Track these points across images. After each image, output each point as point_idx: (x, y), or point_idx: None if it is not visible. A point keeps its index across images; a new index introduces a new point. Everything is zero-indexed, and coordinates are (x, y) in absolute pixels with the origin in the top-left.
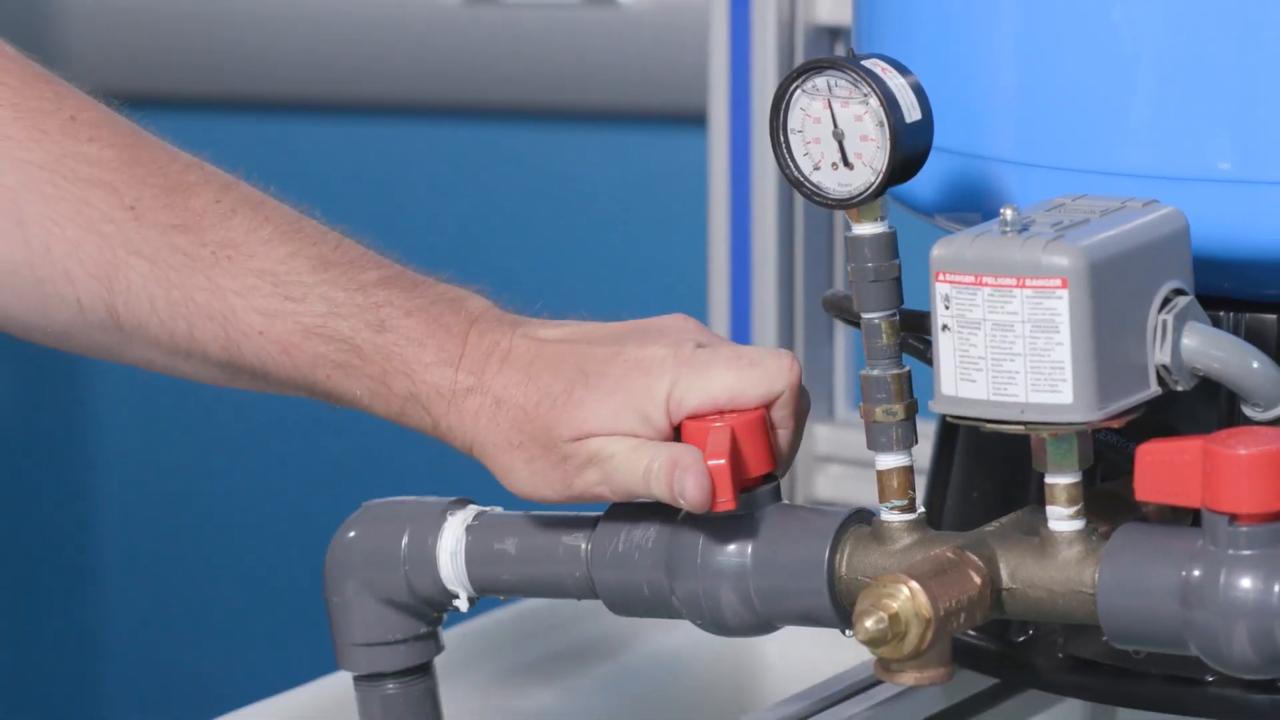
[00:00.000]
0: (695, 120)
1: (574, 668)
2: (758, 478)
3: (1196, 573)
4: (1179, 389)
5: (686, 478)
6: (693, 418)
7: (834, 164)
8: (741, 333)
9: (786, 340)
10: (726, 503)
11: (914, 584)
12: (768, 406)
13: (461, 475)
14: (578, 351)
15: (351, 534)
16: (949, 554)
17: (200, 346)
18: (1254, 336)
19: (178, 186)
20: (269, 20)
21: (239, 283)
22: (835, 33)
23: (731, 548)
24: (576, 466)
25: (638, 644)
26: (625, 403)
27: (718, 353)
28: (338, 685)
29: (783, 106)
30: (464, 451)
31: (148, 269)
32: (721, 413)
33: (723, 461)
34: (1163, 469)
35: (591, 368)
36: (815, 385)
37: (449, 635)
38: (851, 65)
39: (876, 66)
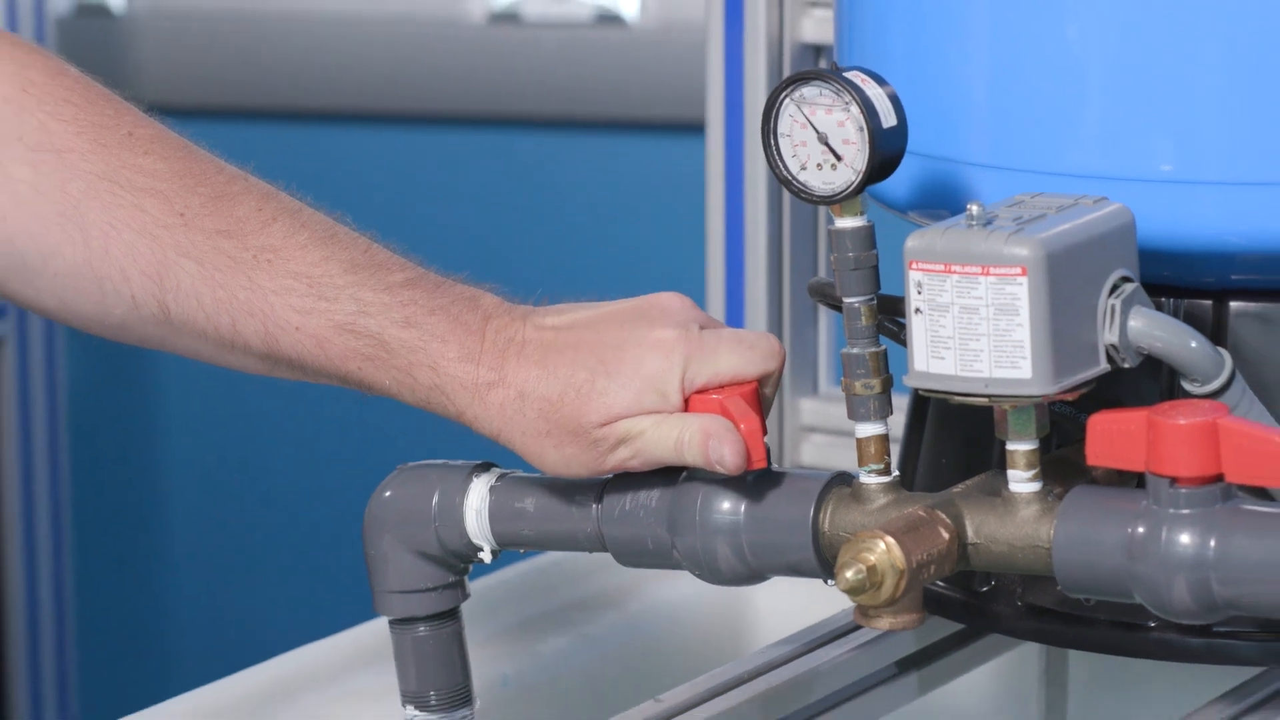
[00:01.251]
0: (695, 128)
1: (586, 615)
2: None
3: (1141, 530)
4: (1126, 366)
5: (724, 446)
6: (698, 392)
7: (819, 164)
8: (735, 316)
9: (775, 322)
10: (759, 461)
11: (889, 539)
12: (759, 382)
13: (485, 442)
14: (590, 339)
15: (387, 494)
16: (920, 512)
17: (243, 340)
18: (1192, 319)
19: (224, 195)
20: (311, 40)
21: (277, 283)
22: (819, 50)
23: (726, 506)
24: (608, 447)
25: (643, 594)
26: (645, 385)
27: (721, 335)
28: (375, 630)
29: (773, 113)
30: (491, 439)
31: (195, 270)
32: (721, 387)
33: (757, 426)
34: (1111, 437)
35: (608, 355)
36: (801, 363)
37: (475, 586)
38: (834, 76)
39: (857, 78)
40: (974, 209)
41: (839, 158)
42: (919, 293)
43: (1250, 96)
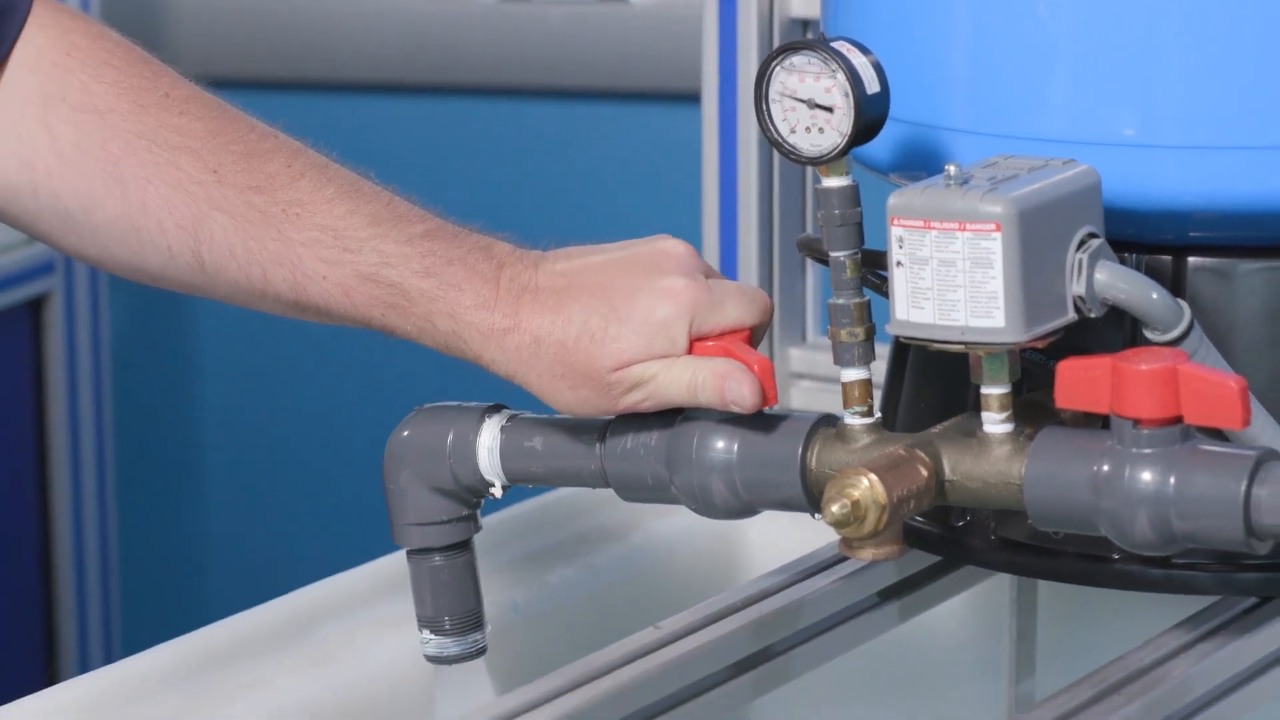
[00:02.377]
0: (691, 98)
1: (590, 548)
2: None
3: (1106, 467)
4: (1092, 316)
5: (742, 386)
6: (699, 339)
7: (807, 128)
8: (729, 269)
9: (765, 275)
10: (773, 399)
11: (872, 475)
12: (751, 331)
13: (496, 386)
14: (601, 284)
15: (405, 433)
16: (901, 451)
17: (273, 289)
18: (1153, 273)
19: (255, 153)
20: (335, 17)
21: (305, 235)
22: (806, 24)
23: (720, 445)
24: (621, 390)
25: (643, 529)
26: (657, 331)
27: (725, 287)
28: (393, 563)
29: (765, 81)
30: (507, 380)
31: (228, 222)
32: (720, 335)
33: (769, 365)
34: (1078, 382)
35: (619, 301)
36: (790, 314)
37: (487, 521)
38: (822, 46)
39: (843, 47)
40: (951, 169)
41: (826, 122)
42: (900, 247)
43: (1206, 68)
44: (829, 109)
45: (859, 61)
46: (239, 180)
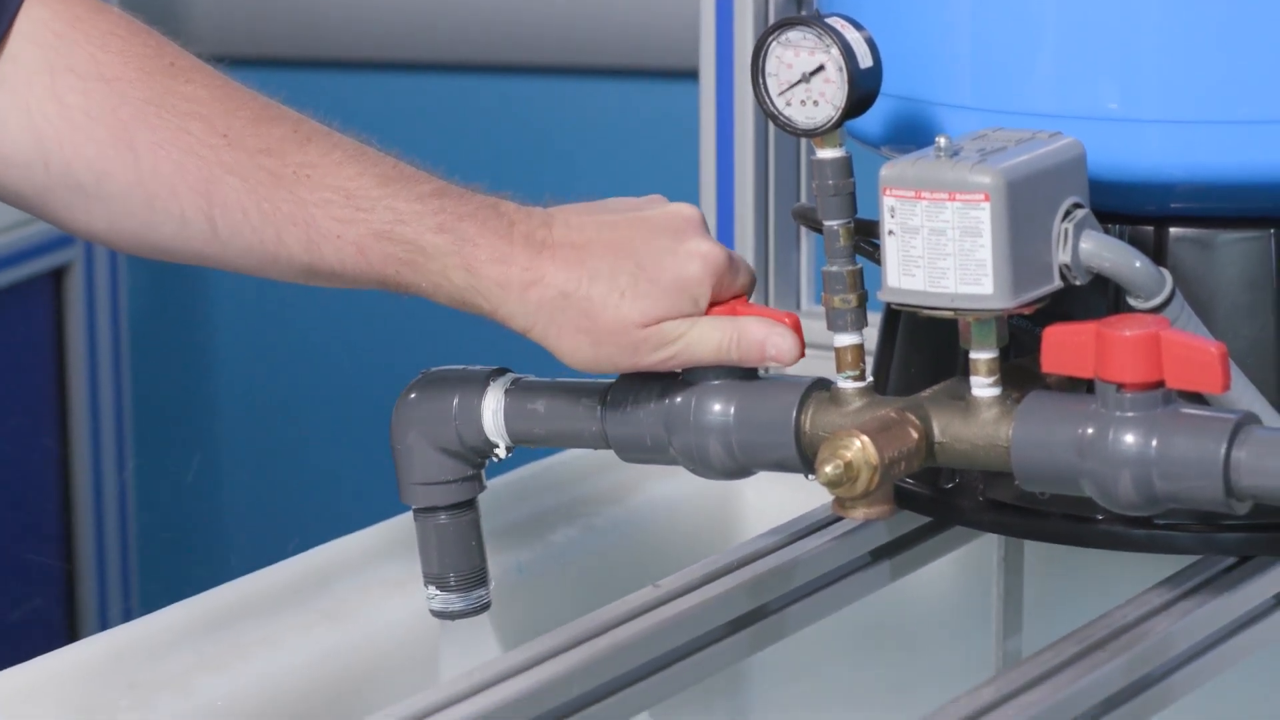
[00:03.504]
0: (689, 74)
1: (592, 509)
2: None
3: (1090, 430)
4: (1077, 283)
5: (784, 340)
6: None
7: (802, 101)
8: (726, 237)
9: (761, 244)
10: (803, 352)
11: (864, 437)
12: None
13: (501, 350)
14: (623, 243)
15: (413, 395)
16: (892, 414)
17: (286, 250)
18: (1136, 242)
19: (261, 118)
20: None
21: (317, 196)
22: (800, 2)
23: (717, 408)
24: (650, 348)
25: (643, 491)
26: (685, 291)
27: (739, 256)
28: (400, 525)
29: (761, 55)
30: (521, 334)
31: (240, 185)
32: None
33: (797, 320)
34: (1064, 347)
35: (647, 260)
36: (784, 281)
37: (492, 483)
38: (817, 21)
39: (836, 23)
40: (942, 141)
41: (821, 95)
42: (892, 216)
43: (1187, 44)
44: (824, 83)
45: (853, 37)
46: (249, 144)
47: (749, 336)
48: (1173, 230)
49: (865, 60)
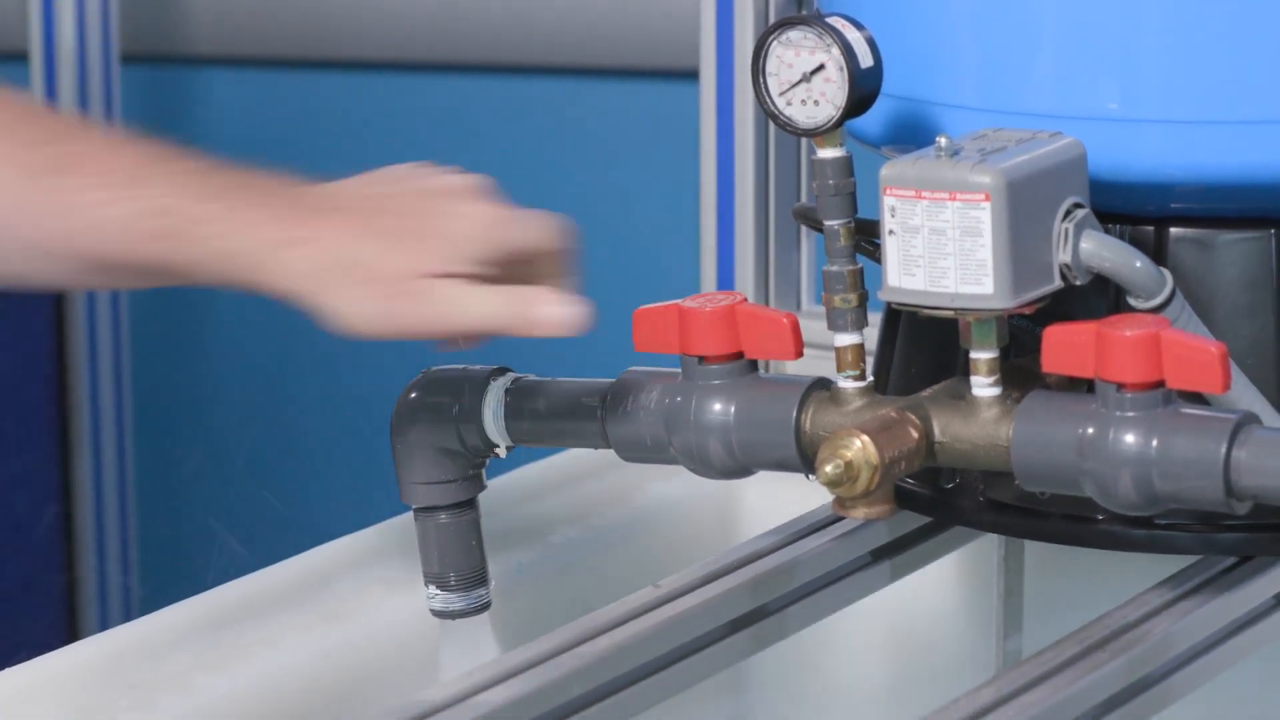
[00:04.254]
0: (689, 75)
1: (592, 510)
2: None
3: (1091, 430)
4: (1077, 283)
5: (561, 309)
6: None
7: (803, 100)
8: (727, 237)
9: (761, 244)
10: (799, 352)
11: (865, 437)
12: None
13: (502, 349)
14: (398, 205)
15: (413, 395)
16: (892, 414)
17: (48, 242)
18: (1136, 242)
19: (33, 116)
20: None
21: (78, 182)
22: (800, 2)
23: (718, 408)
24: (425, 301)
25: (644, 491)
26: (456, 247)
27: (524, 211)
28: (400, 525)
29: (762, 54)
30: (288, 297)
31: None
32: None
33: (795, 319)
34: (1064, 347)
35: (422, 220)
36: (785, 281)
37: (493, 483)
38: (817, 21)
39: (837, 22)
40: (942, 141)
41: (821, 95)
42: (892, 216)
43: (1186, 45)
44: (824, 82)
45: (853, 36)
46: (14, 138)
47: (522, 299)
48: (1173, 230)
49: (866, 60)
